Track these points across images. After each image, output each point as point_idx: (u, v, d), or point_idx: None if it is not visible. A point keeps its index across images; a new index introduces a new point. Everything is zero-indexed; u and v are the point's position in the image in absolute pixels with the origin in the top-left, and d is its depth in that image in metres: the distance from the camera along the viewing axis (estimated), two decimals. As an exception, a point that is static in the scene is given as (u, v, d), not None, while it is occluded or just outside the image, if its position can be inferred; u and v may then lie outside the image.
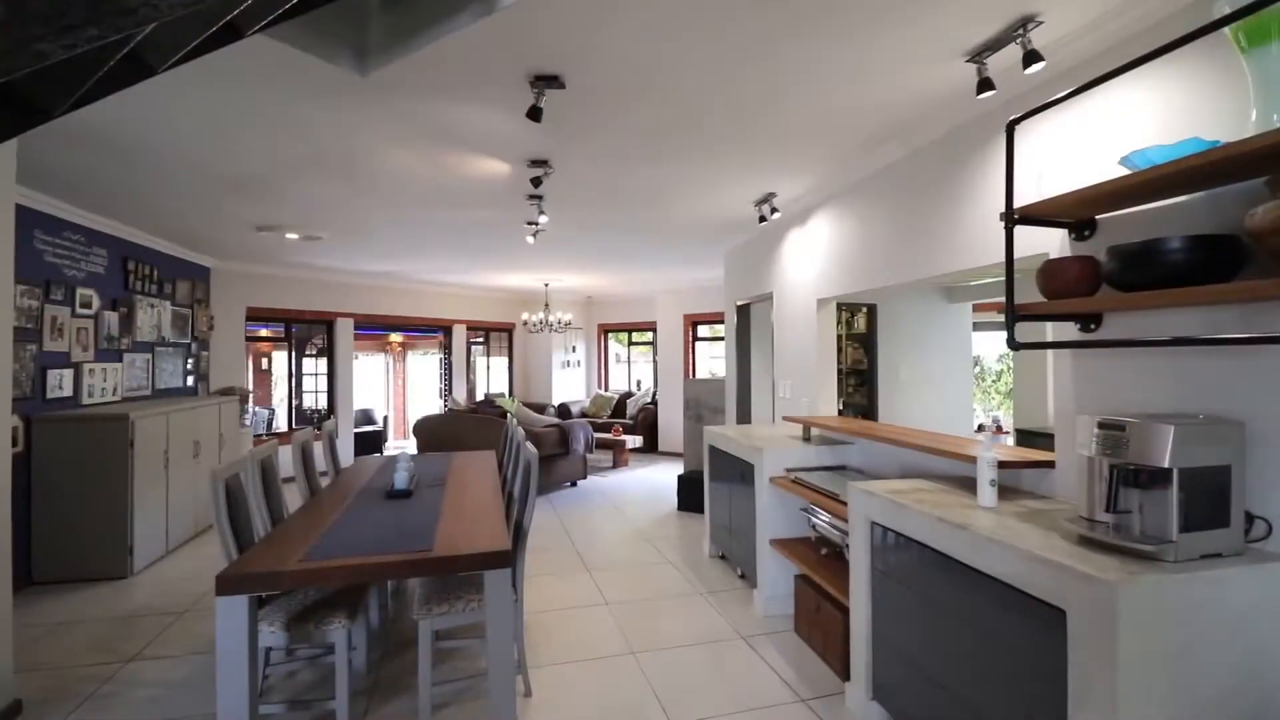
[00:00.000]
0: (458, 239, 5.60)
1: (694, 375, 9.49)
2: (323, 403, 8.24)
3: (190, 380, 6.25)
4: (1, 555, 2.50)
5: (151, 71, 1.66)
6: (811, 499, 3.10)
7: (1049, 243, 2.22)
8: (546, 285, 9.01)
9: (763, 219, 4.46)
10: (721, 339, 7.83)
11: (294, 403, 8.12)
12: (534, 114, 2.41)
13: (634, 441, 8.61)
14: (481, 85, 2.47)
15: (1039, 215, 2.04)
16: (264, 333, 8.44)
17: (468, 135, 3.03)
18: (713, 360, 9.68)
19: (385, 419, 10.74)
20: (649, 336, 10.70)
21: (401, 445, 11.04)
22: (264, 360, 10.26)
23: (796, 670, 2.86)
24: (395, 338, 12.44)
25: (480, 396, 10.14)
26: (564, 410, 9.92)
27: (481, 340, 10.42)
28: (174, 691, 2.72)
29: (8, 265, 2.53)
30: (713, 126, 2.98)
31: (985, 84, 2.27)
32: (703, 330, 9.61)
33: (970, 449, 2.47)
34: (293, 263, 6.95)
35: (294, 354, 8.10)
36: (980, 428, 7.16)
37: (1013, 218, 2.03)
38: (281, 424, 8.52)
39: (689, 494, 5.81)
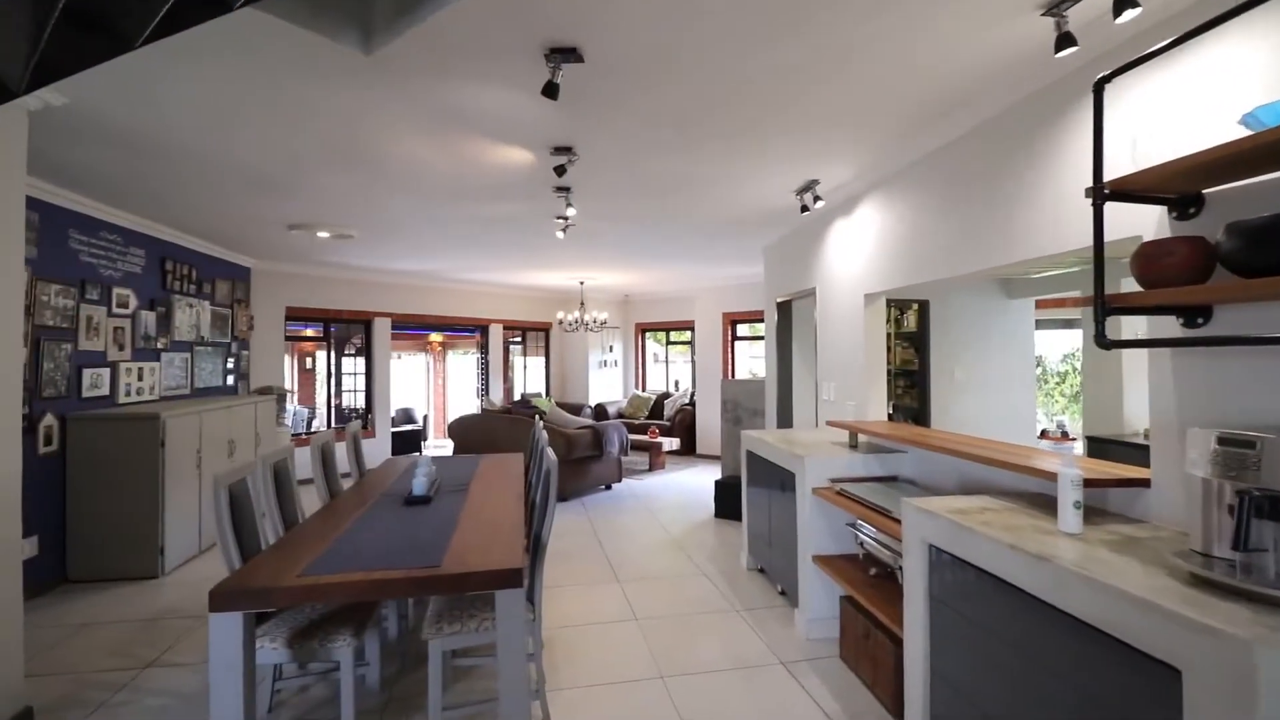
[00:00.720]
0: (486, 234, 5.46)
1: (733, 375, 9.19)
2: (361, 402, 8.28)
3: (230, 380, 6.31)
4: (12, 562, 2.43)
5: (129, 44, 1.51)
6: (859, 513, 2.82)
7: (1143, 224, 1.90)
8: (582, 284, 8.85)
9: (805, 209, 4.17)
10: (762, 338, 7.51)
11: (334, 402, 8.18)
12: (550, 90, 2.21)
13: (671, 444, 8.36)
14: (493, 60, 2.28)
15: (1134, 189, 1.73)
16: (307, 332, 8.53)
17: (484, 119, 2.85)
18: (753, 360, 9.36)
19: (425, 418, 10.80)
20: (687, 336, 10.44)
21: (441, 444, 11.08)
22: (308, 360, 10.40)
23: (842, 703, 2.59)
24: (435, 337, 12.52)
25: (517, 396, 10.07)
26: (600, 411, 9.76)
27: (519, 340, 10.35)
28: (185, 703, 2.62)
29: (18, 258, 2.47)
30: (747, 105, 2.72)
31: (1065, 39, 1.96)
32: (742, 329, 9.30)
33: (1044, 463, 2.16)
34: (329, 262, 6.97)
35: (333, 353, 8.16)
36: (1044, 433, 6.66)
37: (1102, 193, 1.73)
38: (323, 423, 8.59)
39: (727, 500, 5.55)
